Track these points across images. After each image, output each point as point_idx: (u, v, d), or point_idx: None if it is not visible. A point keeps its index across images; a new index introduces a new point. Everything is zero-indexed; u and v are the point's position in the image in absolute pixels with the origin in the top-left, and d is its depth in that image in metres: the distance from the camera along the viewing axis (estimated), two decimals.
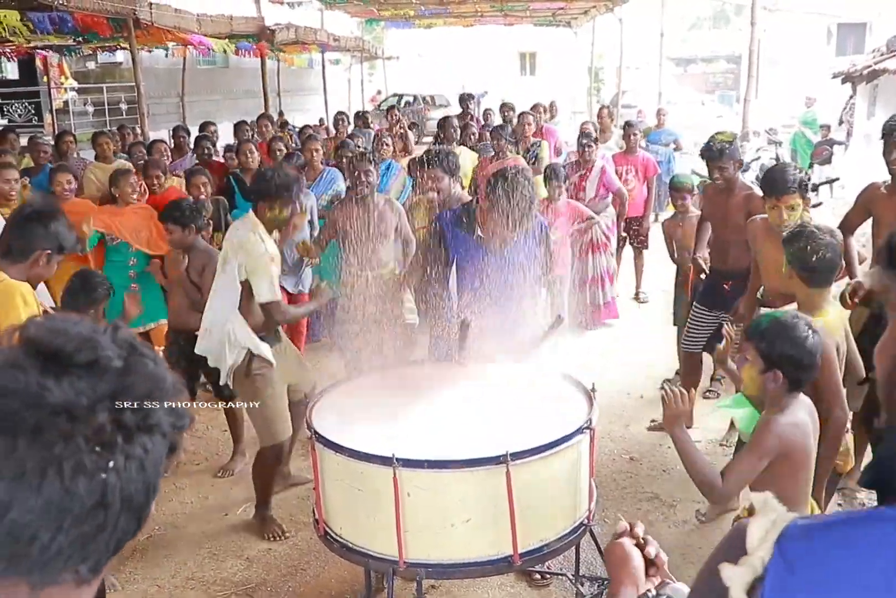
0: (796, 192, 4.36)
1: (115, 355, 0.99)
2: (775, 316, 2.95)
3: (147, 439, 0.98)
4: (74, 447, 0.92)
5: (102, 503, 0.94)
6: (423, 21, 24.16)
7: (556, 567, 4.15)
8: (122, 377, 0.99)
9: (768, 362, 2.86)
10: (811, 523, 0.97)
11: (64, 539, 0.94)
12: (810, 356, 2.84)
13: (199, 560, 4.39)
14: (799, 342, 2.82)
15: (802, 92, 19.53)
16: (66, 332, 0.98)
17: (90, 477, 0.93)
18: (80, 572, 0.97)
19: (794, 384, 2.88)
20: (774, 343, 2.84)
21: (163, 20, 10.46)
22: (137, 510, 0.99)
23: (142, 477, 0.98)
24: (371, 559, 3.20)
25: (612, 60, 29.25)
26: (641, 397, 6.33)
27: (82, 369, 0.96)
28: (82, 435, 0.93)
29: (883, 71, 10.84)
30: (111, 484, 0.94)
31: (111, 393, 0.97)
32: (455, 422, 3.39)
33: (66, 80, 19.96)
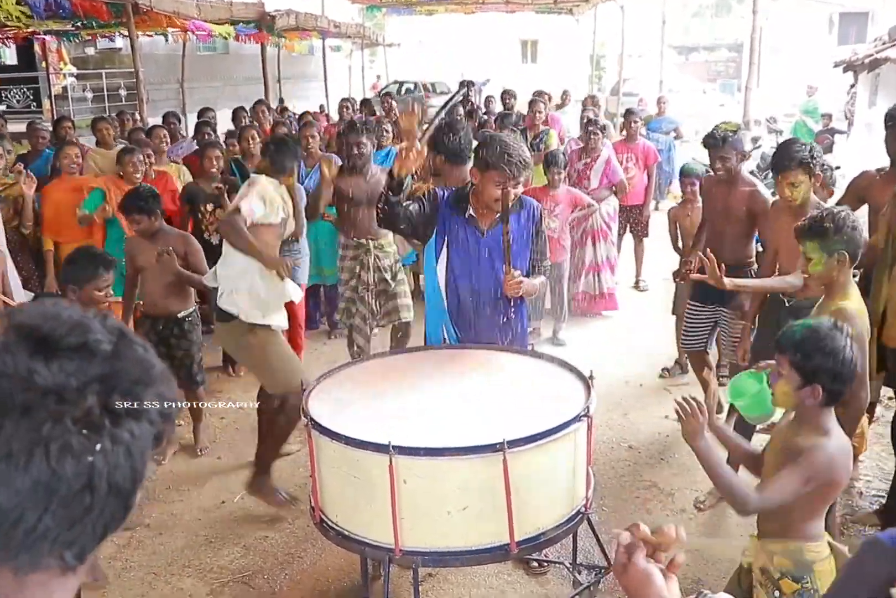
0: (797, 169, 4.30)
1: (105, 340, 1.00)
2: (809, 326, 2.73)
3: (134, 425, 0.99)
4: (62, 429, 0.92)
5: (89, 485, 0.94)
6: (425, 8, 24.03)
7: (553, 555, 4.15)
8: (111, 361, 0.99)
9: (805, 376, 2.64)
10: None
11: (50, 522, 0.93)
12: (850, 370, 2.64)
13: (196, 548, 4.39)
14: (838, 354, 2.61)
15: (804, 81, 19.46)
16: (57, 316, 0.99)
17: (77, 459, 0.93)
18: (66, 558, 0.97)
19: (833, 399, 2.68)
20: (813, 356, 2.62)
21: (162, 5, 10.39)
22: (124, 497, 0.99)
23: (129, 463, 0.98)
24: (367, 547, 3.19)
25: (613, 48, 29.10)
26: (641, 386, 6.32)
27: (72, 352, 0.96)
28: (70, 417, 0.93)
29: (885, 60, 10.79)
30: (98, 467, 0.94)
31: (100, 377, 0.97)
32: (452, 410, 3.37)
33: (65, 66, 19.88)
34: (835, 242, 3.37)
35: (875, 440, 5.25)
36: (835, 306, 3.38)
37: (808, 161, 4.31)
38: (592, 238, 7.78)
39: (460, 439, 3.02)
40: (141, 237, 5.30)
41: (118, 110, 12.75)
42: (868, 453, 5.10)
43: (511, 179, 3.82)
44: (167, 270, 5.14)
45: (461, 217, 4.00)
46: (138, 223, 5.21)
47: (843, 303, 3.38)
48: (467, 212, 4.00)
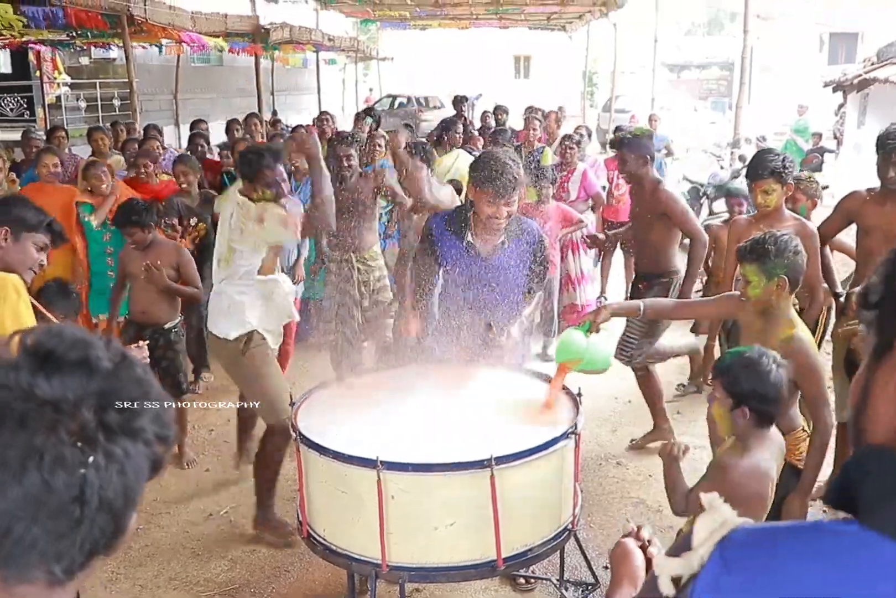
0: (769, 178, 4.44)
1: (106, 358, 1.02)
2: (739, 352, 2.95)
3: (129, 444, 1.00)
4: (56, 440, 0.94)
5: (79, 498, 0.95)
6: (418, 22, 24.19)
7: (540, 572, 4.15)
8: (110, 379, 1.01)
9: (735, 398, 2.85)
10: (757, 528, 0.98)
11: (38, 533, 0.94)
12: (774, 391, 2.83)
13: (183, 560, 4.38)
14: (763, 377, 2.82)
15: (794, 99, 19.61)
16: (60, 334, 1.02)
17: (69, 471, 0.94)
18: (54, 571, 0.98)
19: (763, 420, 2.88)
20: (739, 379, 2.84)
21: (157, 17, 10.45)
22: (115, 516, 1.00)
23: (121, 481, 0.99)
24: (354, 562, 3.19)
25: (606, 65, 29.26)
26: (629, 402, 6.33)
27: (73, 367, 0.99)
28: (65, 428, 0.95)
29: (873, 80, 10.89)
30: (89, 480, 0.96)
31: (99, 392, 0.99)
32: (440, 425, 3.38)
33: (59, 75, 19.87)
34: (775, 265, 3.31)
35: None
36: (785, 335, 3.32)
37: (780, 170, 4.45)
38: (572, 251, 7.78)
39: (448, 455, 3.04)
40: (134, 248, 5.33)
41: (112, 121, 12.77)
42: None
43: (500, 197, 3.83)
44: (156, 284, 5.19)
45: (460, 243, 4.00)
46: (132, 235, 5.25)
47: (795, 332, 3.33)
48: (466, 238, 4.00)
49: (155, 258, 5.25)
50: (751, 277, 3.38)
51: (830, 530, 0.89)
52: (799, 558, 0.87)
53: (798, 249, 3.38)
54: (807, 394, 3.35)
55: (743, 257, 3.42)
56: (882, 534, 0.84)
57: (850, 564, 0.84)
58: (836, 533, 0.88)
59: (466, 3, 19.00)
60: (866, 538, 0.85)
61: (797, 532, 0.92)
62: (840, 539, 0.87)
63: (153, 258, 5.24)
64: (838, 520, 0.90)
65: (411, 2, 18.86)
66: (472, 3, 18.99)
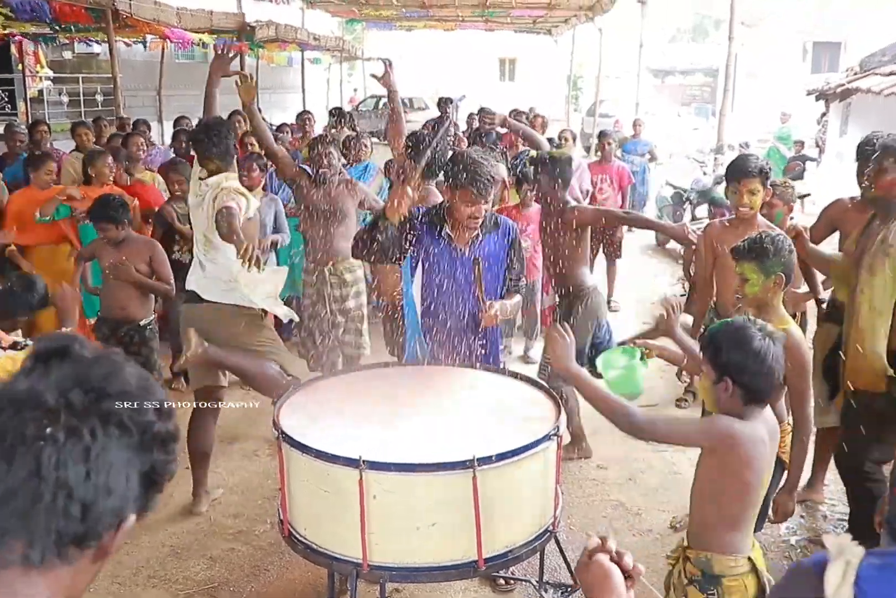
0: (757, 177, 4.42)
1: (86, 350, 1.03)
2: (724, 322, 2.80)
3: (97, 425, 1.01)
4: (19, 418, 0.97)
5: (37, 472, 0.96)
6: (404, 23, 24.19)
7: (520, 573, 4.16)
8: (84, 366, 1.04)
9: (718, 370, 2.67)
10: (885, 561, 0.98)
11: (2, 510, 0.96)
12: (759, 361, 2.61)
13: (162, 558, 4.36)
14: (746, 346, 2.62)
15: (777, 107, 19.75)
16: (51, 336, 1.07)
17: (28, 446, 0.96)
18: (29, 555, 0.98)
19: (750, 396, 2.65)
20: (721, 349, 2.66)
21: (142, 12, 10.39)
22: (79, 502, 1.00)
23: (84, 464, 0.99)
24: (335, 561, 3.19)
25: (591, 69, 29.37)
26: None
27: (54, 360, 1.02)
28: (30, 406, 0.98)
29: (856, 90, 10.98)
30: (47, 454, 0.97)
31: (70, 376, 1.02)
32: (423, 426, 3.39)
33: (42, 69, 19.74)
34: (773, 263, 3.43)
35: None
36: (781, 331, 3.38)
37: (766, 170, 4.47)
38: None
39: (431, 456, 3.04)
40: (107, 243, 5.30)
41: (94, 116, 12.70)
42: (833, 478, 5.15)
43: (478, 197, 3.86)
44: (124, 279, 5.20)
45: (437, 236, 4.03)
46: (105, 231, 5.23)
47: (788, 327, 3.39)
48: (443, 231, 4.02)
49: (127, 254, 5.25)
50: (749, 275, 3.47)
51: None
52: None
53: (792, 248, 3.50)
54: (793, 389, 3.41)
55: (741, 256, 3.51)
56: None
57: None
58: None
59: (452, 5, 19.01)
60: None
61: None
62: None
63: (125, 254, 5.24)
64: None
65: (397, 2, 18.87)
66: (458, 5, 19.01)
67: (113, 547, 1.09)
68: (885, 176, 4.07)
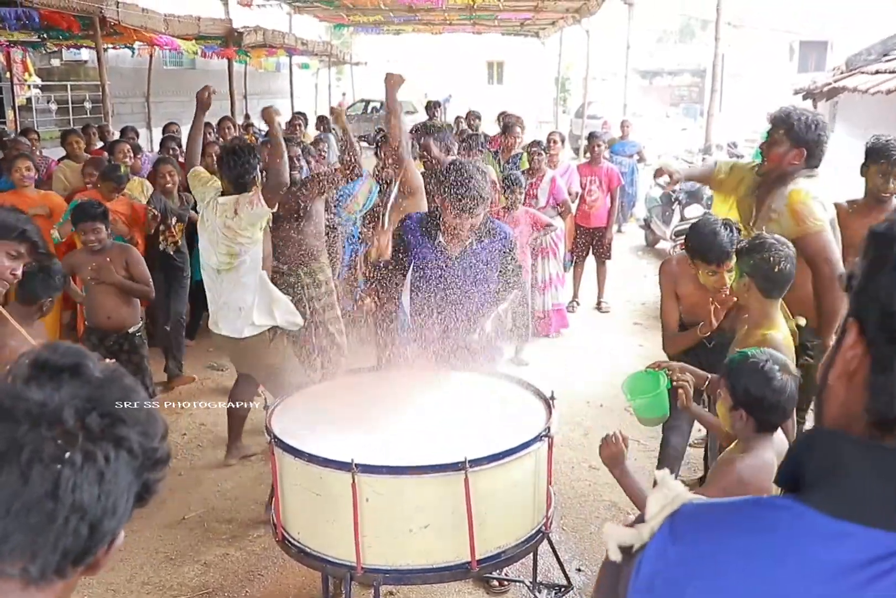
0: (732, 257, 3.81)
1: (98, 369, 1.06)
2: (747, 354, 2.83)
3: (111, 449, 1.03)
4: (37, 435, 0.98)
5: (53, 493, 0.98)
6: (392, 27, 24.21)
7: (513, 574, 4.17)
8: (98, 388, 1.06)
9: (735, 400, 2.76)
10: (704, 503, 1.02)
11: (12, 525, 0.97)
12: (774, 399, 2.70)
13: (156, 564, 4.36)
14: (764, 384, 2.70)
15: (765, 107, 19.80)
16: (58, 348, 1.08)
17: (46, 465, 0.97)
18: (29, 570, 0.99)
19: (762, 426, 2.76)
20: (741, 382, 2.74)
21: (129, 19, 10.37)
22: (91, 523, 1.02)
23: (98, 487, 1.02)
24: (328, 565, 3.20)
25: (578, 71, 29.46)
26: (601, 406, 6.38)
27: (65, 375, 1.04)
28: (47, 426, 0.99)
29: (842, 89, 11.01)
30: (65, 477, 0.98)
31: (86, 397, 1.03)
32: (415, 428, 3.40)
33: (30, 77, 19.70)
34: (742, 262, 3.42)
35: None
36: (760, 335, 3.36)
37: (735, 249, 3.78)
38: (541, 255, 7.81)
39: (422, 458, 3.06)
40: (83, 252, 5.30)
41: (83, 123, 12.69)
42: None
43: (462, 213, 3.89)
44: (106, 280, 5.21)
45: (431, 242, 4.05)
46: (98, 233, 5.20)
47: (770, 332, 3.37)
48: (437, 238, 4.05)
49: (104, 259, 5.26)
50: (734, 268, 3.55)
51: (768, 504, 0.94)
52: (739, 528, 0.92)
53: (772, 258, 3.36)
54: None
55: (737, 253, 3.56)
56: (816, 509, 0.89)
57: (785, 534, 0.89)
58: (773, 507, 0.93)
59: (440, 9, 19.02)
60: (801, 511, 0.90)
61: (739, 506, 0.97)
62: (777, 512, 0.92)
63: (102, 260, 5.25)
64: (776, 496, 0.95)
65: (385, 6, 18.86)
66: (445, 9, 19.01)
67: (103, 563, 1.11)
68: (776, 148, 4.14)
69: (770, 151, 4.19)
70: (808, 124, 4.10)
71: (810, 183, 4.15)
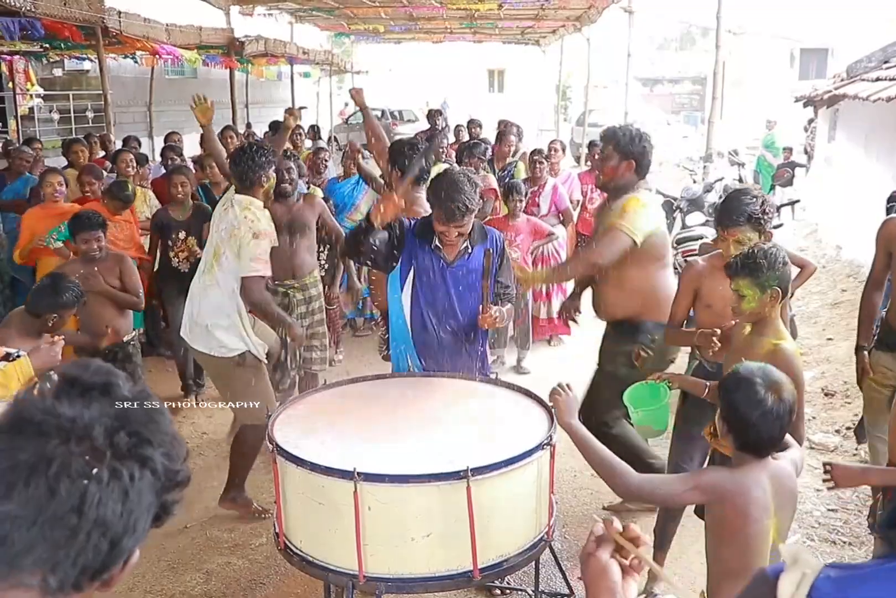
0: (744, 225, 3.88)
1: (126, 389, 1.08)
2: (738, 369, 2.75)
3: (136, 469, 1.06)
4: (66, 450, 1.00)
5: (79, 508, 1.00)
6: (392, 36, 24.28)
7: (515, 583, 4.17)
8: (127, 407, 1.08)
9: (722, 411, 2.73)
10: (843, 575, 0.97)
11: (37, 537, 0.98)
12: (752, 419, 2.60)
13: (158, 573, 4.36)
14: (744, 403, 2.61)
15: (766, 114, 19.83)
16: (88, 365, 1.11)
17: (73, 480, 0.99)
18: (48, 581, 1.00)
19: (743, 446, 2.67)
20: (724, 395, 2.70)
21: (131, 29, 10.41)
22: (111, 539, 1.04)
23: (122, 505, 1.04)
24: (330, 573, 3.20)
25: (579, 79, 29.52)
26: None
27: (94, 393, 1.06)
28: (76, 441, 1.01)
29: (843, 96, 11.02)
30: (91, 492, 1.00)
31: (114, 415, 1.06)
32: (417, 437, 3.40)
33: (32, 87, 19.74)
34: (768, 277, 3.32)
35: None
36: (770, 345, 3.32)
37: (757, 217, 3.87)
38: (543, 263, 7.81)
39: (425, 467, 3.05)
40: (76, 261, 5.31)
41: (85, 133, 12.72)
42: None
43: (447, 221, 3.89)
44: (93, 289, 5.18)
45: (427, 247, 4.06)
46: (98, 241, 5.21)
47: (782, 343, 3.33)
48: (433, 242, 4.05)
49: (99, 269, 5.27)
50: (745, 291, 3.36)
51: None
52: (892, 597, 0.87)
53: (786, 261, 3.39)
54: None
55: (736, 273, 3.40)
56: None
57: None
58: None
59: (440, 18, 19.09)
60: None
61: (884, 573, 0.92)
62: None
63: (90, 269, 5.25)
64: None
65: (385, 15, 18.92)
66: (445, 18, 19.08)
67: (118, 580, 1.13)
68: (608, 162, 4.54)
69: (604, 165, 4.62)
70: (633, 138, 4.51)
71: (649, 196, 4.57)
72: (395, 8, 17.36)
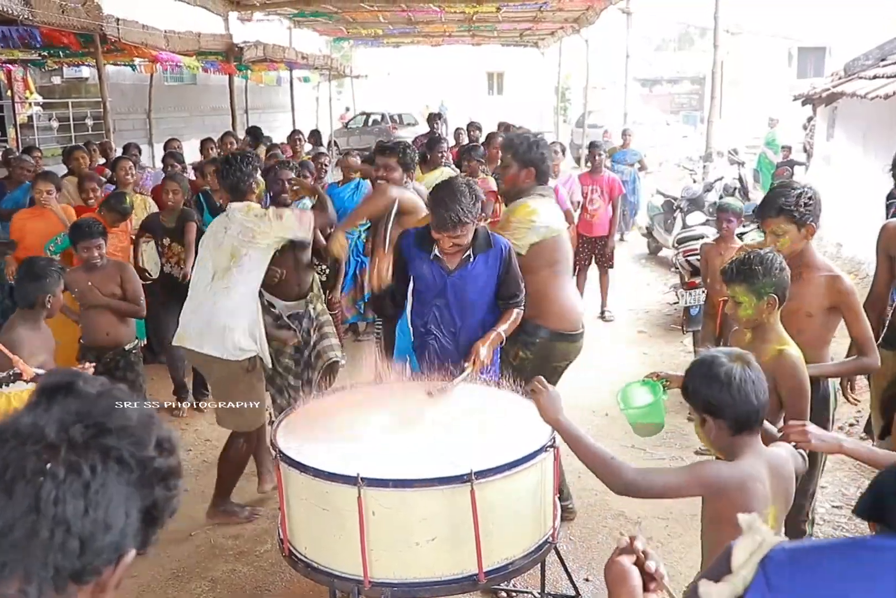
0: (778, 216, 3.80)
1: (89, 385, 1.06)
2: (697, 358, 2.70)
3: (97, 460, 1.01)
4: (20, 451, 0.98)
5: (35, 507, 0.97)
6: (391, 40, 24.31)
7: (521, 585, 4.16)
8: (89, 402, 1.06)
9: (699, 411, 2.63)
10: (798, 547, 0.98)
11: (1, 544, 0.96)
12: (730, 392, 2.52)
13: (163, 582, 4.35)
14: (714, 381, 2.54)
15: (765, 113, 19.84)
16: (52, 372, 1.10)
17: (27, 480, 0.98)
18: (27, 592, 0.98)
19: (736, 427, 2.57)
20: (692, 389, 2.63)
21: (130, 36, 10.41)
22: (77, 537, 1.01)
23: (83, 499, 1.00)
24: (336, 579, 3.19)
25: (578, 80, 29.53)
26: (606, 415, 6.38)
27: (59, 395, 1.04)
28: (32, 439, 0.99)
29: (841, 94, 11.02)
30: (46, 489, 0.98)
31: (74, 411, 1.03)
32: (419, 441, 3.40)
33: (31, 95, 19.76)
34: (764, 284, 3.28)
35: (837, 467, 5.33)
36: (774, 351, 3.29)
37: (790, 208, 3.79)
38: None
39: (428, 471, 3.05)
40: (76, 270, 5.31)
41: (85, 140, 12.74)
42: (831, 479, 5.18)
43: (444, 230, 3.90)
44: (90, 303, 5.22)
45: (427, 256, 4.05)
46: (99, 248, 5.21)
47: (786, 348, 3.30)
48: (433, 252, 4.05)
49: (98, 278, 5.27)
50: (741, 298, 3.33)
51: (871, 546, 0.90)
52: (843, 575, 0.88)
53: (783, 266, 3.35)
54: (790, 411, 3.28)
55: (731, 279, 3.36)
56: None
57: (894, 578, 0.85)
58: (876, 549, 0.89)
59: (439, 21, 19.10)
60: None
61: (839, 550, 0.92)
62: (882, 554, 0.88)
63: (96, 278, 5.26)
64: (876, 535, 0.90)
65: (384, 19, 18.95)
66: (444, 21, 19.10)
67: (112, 583, 1.10)
68: (508, 171, 4.57)
69: (504, 173, 4.66)
70: (530, 146, 4.53)
71: (541, 202, 4.51)
72: (394, 12, 17.39)
